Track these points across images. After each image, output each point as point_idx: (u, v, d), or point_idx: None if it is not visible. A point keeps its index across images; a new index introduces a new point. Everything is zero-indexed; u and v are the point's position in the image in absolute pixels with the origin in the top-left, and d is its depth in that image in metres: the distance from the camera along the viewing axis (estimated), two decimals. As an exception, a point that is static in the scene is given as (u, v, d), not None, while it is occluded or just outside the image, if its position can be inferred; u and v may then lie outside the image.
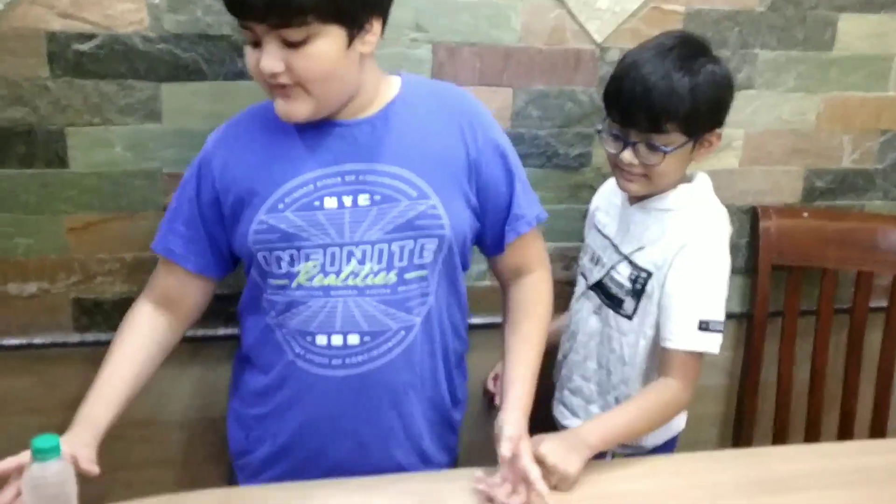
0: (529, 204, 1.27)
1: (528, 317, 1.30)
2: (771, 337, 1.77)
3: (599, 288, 1.42)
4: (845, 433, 1.82)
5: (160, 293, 1.27)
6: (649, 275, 1.34)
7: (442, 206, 1.17)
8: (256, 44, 1.07)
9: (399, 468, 1.24)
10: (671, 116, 1.25)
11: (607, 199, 1.49)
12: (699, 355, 1.29)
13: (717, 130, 1.32)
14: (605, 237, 1.43)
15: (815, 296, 1.77)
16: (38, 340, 1.52)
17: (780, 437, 1.82)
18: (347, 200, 1.15)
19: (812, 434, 1.82)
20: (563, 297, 1.52)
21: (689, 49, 1.28)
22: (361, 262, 1.16)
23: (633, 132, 1.29)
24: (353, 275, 1.16)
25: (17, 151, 1.40)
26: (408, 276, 1.17)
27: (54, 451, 0.96)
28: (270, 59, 1.05)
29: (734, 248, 1.74)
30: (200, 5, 1.38)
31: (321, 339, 1.17)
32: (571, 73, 1.56)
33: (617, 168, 1.34)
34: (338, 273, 1.16)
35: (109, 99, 1.40)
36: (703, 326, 1.28)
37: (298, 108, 1.11)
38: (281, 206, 1.15)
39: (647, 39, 1.34)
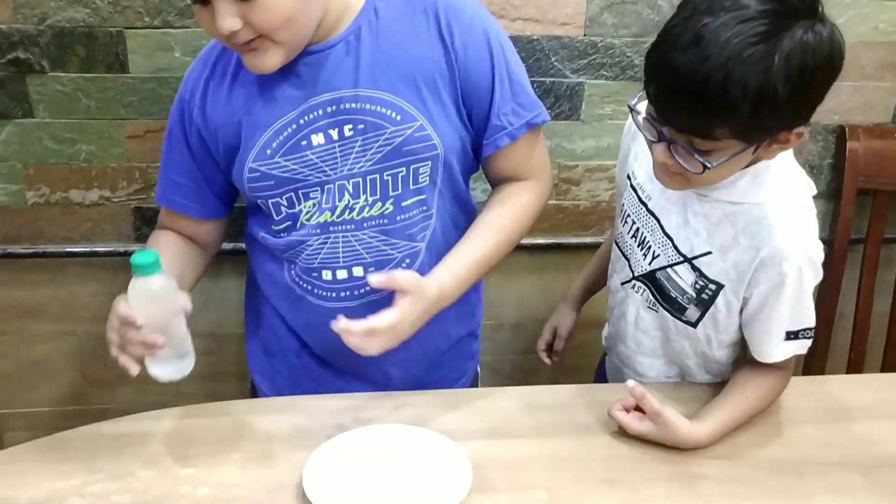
0: (517, 110, 1.12)
1: (493, 208, 1.17)
2: (851, 264, 1.69)
3: (650, 281, 1.16)
4: (925, 368, 1.74)
5: (174, 231, 1.22)
6: (720, 287, 1.09)
7: (430, 125, 1.08)
8: (205, 1, 0.96)
9: (421, 382, 1.22)
10: (723, 122, 0.90)
11: (645, 149, 1.11)
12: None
13: (799, 128, 0.95)
14: (651, 214, 1.13)
15: (902, 223, 1.67)
16: (100, 248, 1.53)
17: (854, 369, 1.75)
18: (334, 133, 1.08)
19: (890, 368, 1.74)
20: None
21: (781, 11, 0.88)
22: (354, 195, 1.10)
23: (669, 129, 0.95)
24: (348, 209, 1.11)
25: (79, 54, 1.39)
26: (405, 203, 1.11)
27: (155, 265, 0.95)
28: (226, 17, 0.95)
29: (817, 170, 1.66)
30: None
31: (326, 274, 1.14)
32: (651, -24, 1.46)
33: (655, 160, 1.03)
34: (332, 209, 1.10)
35: (168, 0, 1.37)
36: (791, 336, 1.09)
37: (269, 60, 1.01)
38: (269, 151, 1.08)
39: None
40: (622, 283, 1.21)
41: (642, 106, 0.98)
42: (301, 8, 0.98)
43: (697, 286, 1.10)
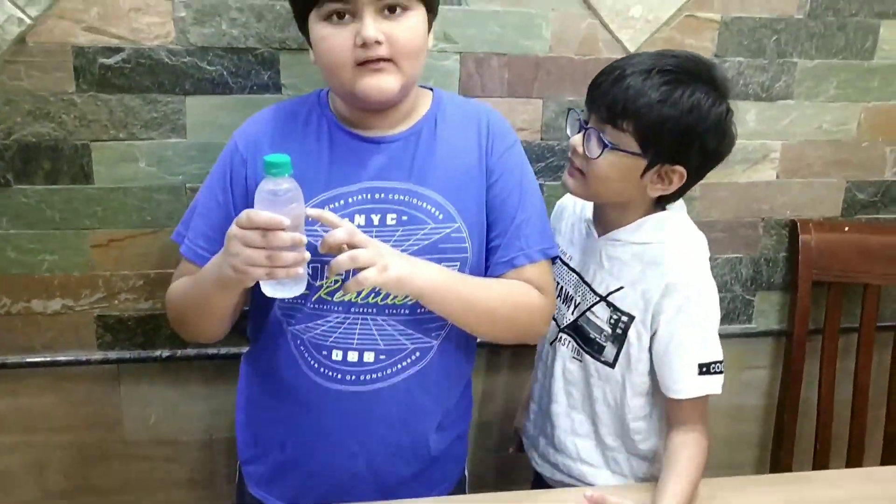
0: (537, 237, 1.19)
1: (497, 281, 1.18)
2: (811, 355, 1.71)
3: (574, 330, 1.29)
4: (890, 457, 1.75)
5: None
6: (631, 318, 1.21)
7: (466, 229, 1.15)
8: (340, 17, 1.07)
9: (408, 486, 1.21)
10: (631, 114, 1.13)
11: (567, 223, 1.35)
12: (706, 398, 1.20)
13: (680, 168, 1.16)
14: (573, 271, 1.30)
15: (857, 313, 1.71)
16: (61, 358, 1.51)
17: (820, 459, 1.76)
18: (376, 219, 1.13)
19: (855, 457, 1.75)
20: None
21: (689, 69, 1.15)
22: None
23: (594, 118, 1.18)
24: (374, 293, 1.13)
25: (43, 167, 1.40)
26: None
27: (286, 166, 0.95)
28: (373, 28, 1.05)
29: (773, 263, 1.70)
30: (226, 18, 1.37)
31: (337, 355, 1.15)
32: (603, 84, 1.52)
33: (568, 159, 1.24)
34: (359, 291, 1.12)
35: (134, 113, 1.39)
36: (703, 370, 1.18)
37: (389, 82, 1.09)
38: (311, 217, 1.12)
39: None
40: (550, 343, 1.33)
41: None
42: (425, 47, 1.13)
43: (612, 320, 1.23)
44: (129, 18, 1.34)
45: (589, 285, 1.26)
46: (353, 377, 1.15)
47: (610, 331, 1.23)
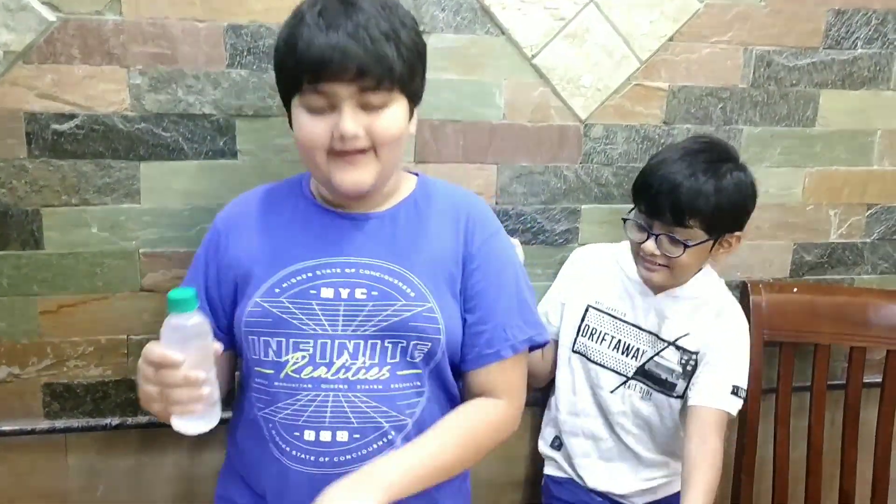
0: (522, 327, 1.20)
1: (453, 425, 1.16)
2: (766, 415, 1.73)
3: (642, 374, 1.49)
4: (845, 514, 1.76)
5: None
6: (696, 354, 1.46)
7: (440, 310, 1.14)
8: (320, 111, 1.07)
9: None
10: (695, 214, 1.33)
11: (606, 278, 1.53)
12: (726, 419, 1.40)
13: (737, 233, 1.41)
14: (631, 324, 1.50)
15: (809, 372, 1.73)
16: (6, 427, 1.46)
17: (778, 518, 1.76)
18: (344, 292, 1.13)
19: (812, 515, 1.76)
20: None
21: (715, 154, 1.38)
22: (354, 356, 1.12)
23: (658, 224, 1.37)
24: (344, 368, 1.12)
25: (-9, 233, 1.38)
26: (400, 372, 1.14)
27: (192, 301, 0.93)
28: (353, 122, 1.06)
29: (725, 324, 1.72)
30: (181, 85, 1.38)
31: (309, 435, 1.12)
32: (556, 150, 1.55)
33: (639, 257, 1.43)
34: (329, 366, 1.12)
35: (87, 178, 1.38)
36: (734, 391, 1.41)
37: (364, 175, 1.10)
38: (277, 290, 1.12)
39: (677, 142, 1.48)
40: (612, 391, 1.51)
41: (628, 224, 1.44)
42: (404, 137, 1.13)
43: (683, 361, 1.47)
44: (83, 85, 1.34)
45: (656, 335, 1.48)
46: (327, 459, 1.12)
47: (681, 369, 1.47)
